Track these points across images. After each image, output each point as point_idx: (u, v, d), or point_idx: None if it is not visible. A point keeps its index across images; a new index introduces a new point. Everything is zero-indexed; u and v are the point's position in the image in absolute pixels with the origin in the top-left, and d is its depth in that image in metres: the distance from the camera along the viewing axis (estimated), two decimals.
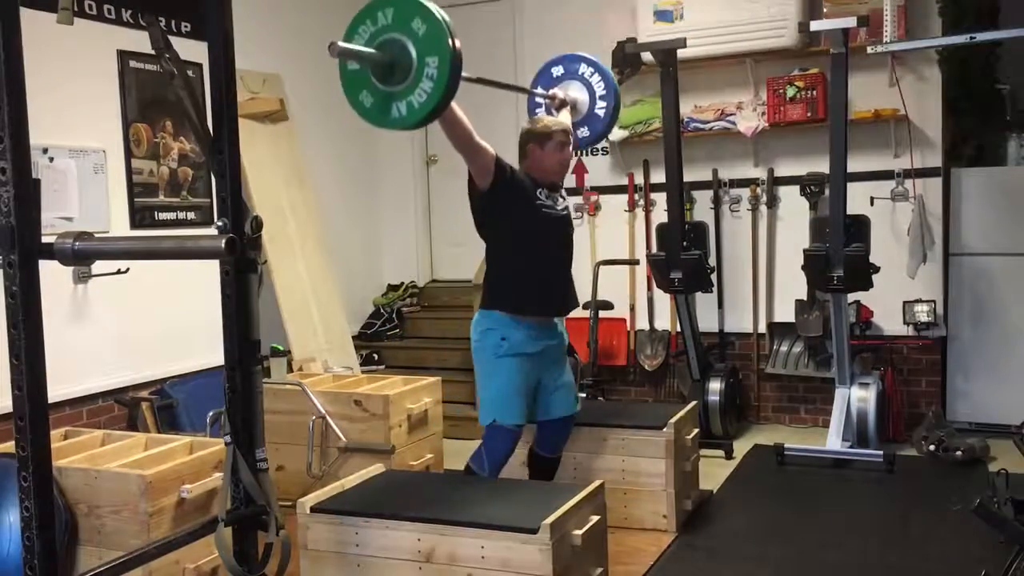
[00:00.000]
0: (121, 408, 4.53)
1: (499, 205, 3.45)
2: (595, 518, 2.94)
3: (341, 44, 2.74)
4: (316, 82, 6.07)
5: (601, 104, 4.03)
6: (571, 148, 3.67)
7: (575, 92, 4.05)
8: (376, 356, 6.26)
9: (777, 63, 5.52)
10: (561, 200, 3.66)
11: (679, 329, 5.50)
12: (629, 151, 6.02)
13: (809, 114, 5.38)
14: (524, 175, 3.55)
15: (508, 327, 3.44)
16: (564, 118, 3.91)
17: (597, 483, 3.09)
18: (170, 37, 2.38)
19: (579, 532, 2.79)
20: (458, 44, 2.82)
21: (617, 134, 5.93)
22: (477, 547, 2.74)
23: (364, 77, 2.86)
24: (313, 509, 2.96)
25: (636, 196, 6.04)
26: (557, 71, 4.10)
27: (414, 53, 2.79)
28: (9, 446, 2.53)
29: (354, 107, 2.92)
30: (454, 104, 3.07)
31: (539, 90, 4.09)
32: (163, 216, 4.88)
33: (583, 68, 4.06)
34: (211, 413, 3.91)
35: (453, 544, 2.77)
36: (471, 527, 2.76)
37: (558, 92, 4.01)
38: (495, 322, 3.46)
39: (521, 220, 3.48)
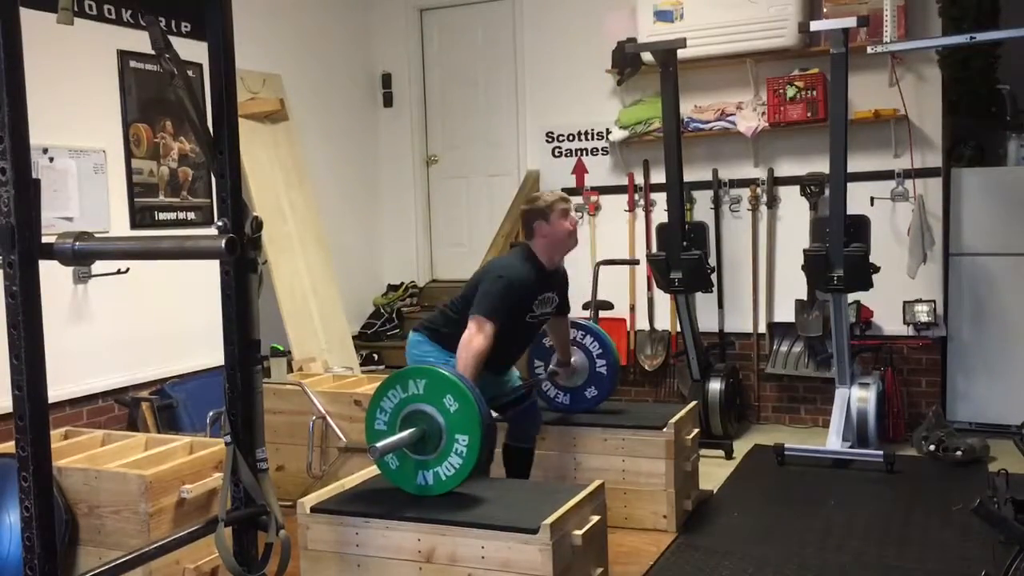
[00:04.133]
0: (121, 408, 4.53)
1: None
2: (595, 518, 2.94)
3: (379, 446, 2.84)
4: (316, 82, 6.09)
5: (601, 363, 4.09)
6: (575, 224, 3.71)
7: (574, 358, 4.08)
8: (376, 356, 6.25)
9: (777, 63, 5.53)
10: (552, 301, 3.69)
11: (679, 329, 5.50)
12: (629, 151, 6.02)
13: (809, 114, 5.38)
14: (528, 274, 3.55)
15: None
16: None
17: (597, 483, 3.09)
18: (170, 37, 2.38)
19: (579, 532, 2.79)
20: (488, 423, 2.91)
21: (617, 134, 5.94)
22: (477, 547, 2.74)
23: (410, 467, 2.98)
24: (313, 509, 2.96)
25: (636, 196, 6.04)
26: (549, 341, 4.07)
27: (444, 428, 2.89)
28: (9, 446, 2.54)
29: (380, 467, 3.04)
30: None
31: (539, 365, 4.12)
32: (163, 216, 4.88)
33: (575, 333, 4.09)
34: (211, 413, 3.88)
35: (453, 544, 2.77)
36: (471, 527, 2.76)
37: (558, 370, 4.05)
38: (446, 357, 3.51)
39: (504, 324, 3.47)
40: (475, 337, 3.34)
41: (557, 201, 3.64)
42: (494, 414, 3.51)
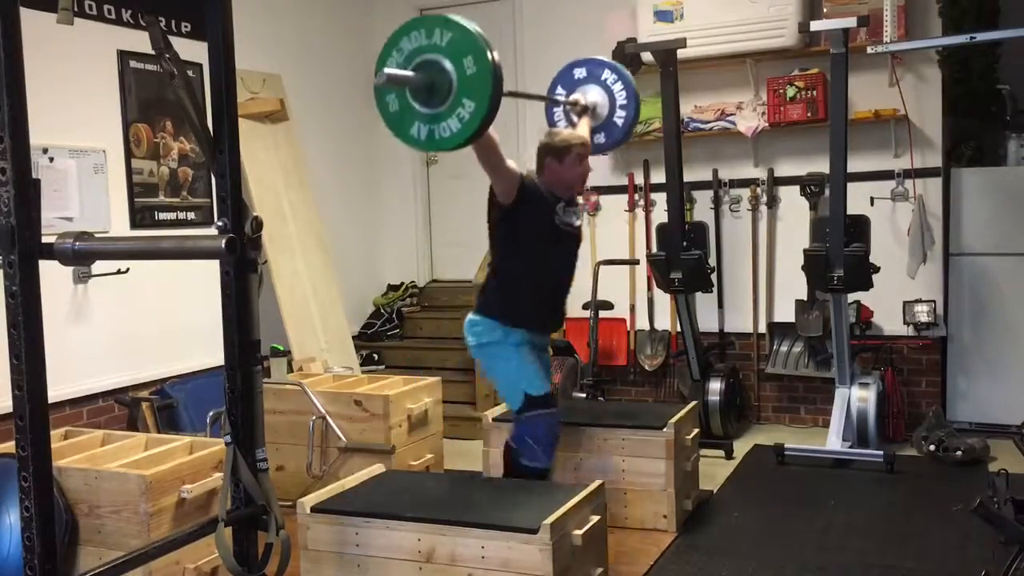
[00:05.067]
0: (121, 408, 4.53)
1: (518, 220, 3.47)
2: (595, 518, 2.95)
3: (388, 71, 2.71)
4: (316, 82, 6.09)
5: (621, 113, 4.01)
6: (587, 172, 3.66)
7: (595, 96, 4.01)
8: (376, 356, 6.26)
9: (777, 63, 5.52)
10: (576, 216, 3.66)
11: (679, 329, 5.50)
12: (629, 151, 6.02)
13: (809, 114, 5.38)
14: (544, 189, 3.55)
15: (506, 331, 3.50)
16: (583, 126, 3.94)
17: (597, 483, 3.09)
18: (170, 37, 2.38)
19: (579, 532, 2.79)
20: (498, 59, 2.75)
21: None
22: (477, 547, 2.74)
23: (409, 110, 2.82)
24: (314, 509, 2.96)
25: (636, 196, 6.04)
26: (580, 73, 4.05)
27: (455, 87, 2.73)
28: (9, 446, 2.54)
29: (378, 102, 2.87)
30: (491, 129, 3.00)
31: (560, 92, 4.05)
32: (163, 216, 4.88)
33: (606, 74, 4.02)
34: (211, 413, 3.91)
35: (453, 544, 2.77)
36: (472, 527, 2.76)
37: (579, 97, 3.98)
38: (493, 326, 3.51)
39: (536, 235, 3.49)
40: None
41: (576, 144, 3.56)
42: (549, 389, 3.52)
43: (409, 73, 2.76)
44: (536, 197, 3.47)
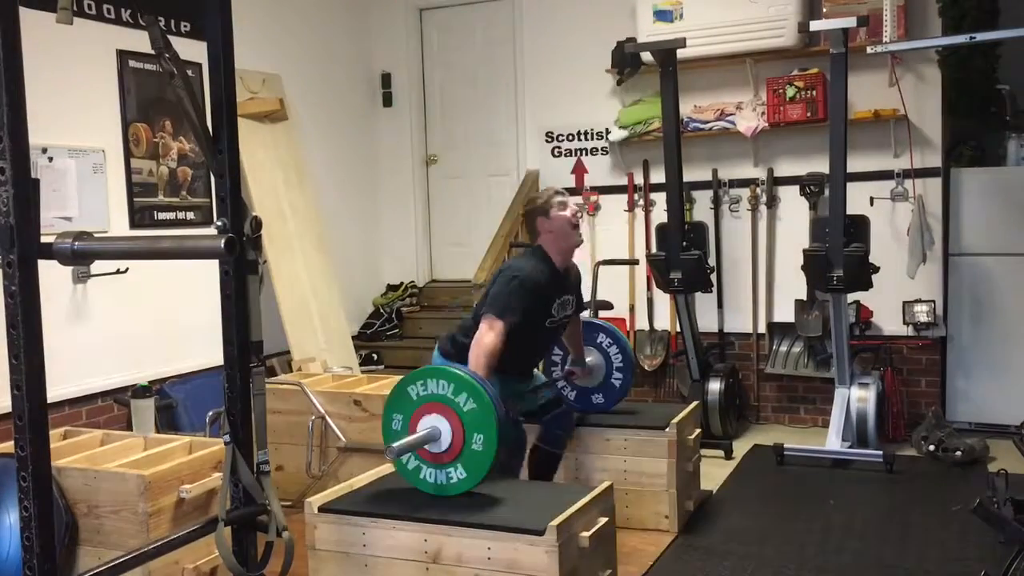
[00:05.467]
0: (121, 408, 4.53)
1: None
2: (603, 520, 2.94)
3: (396, 446, 2.86)
4: (316, 82, 6.09)
5: (617, 376, 4.06)
6: (575, 213, 3.67)
7: (591, 358, 4.06)
8: (376, 356, 6.25)
9: (777, 63, 5.52)
10: (570, 304, 3.67)
11: (679, 329, 5.50)
12: (629, 151, 6.02)
13: (809, 114, 5.38)
14: (542, 275, 3.51)
15: None
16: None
17: (606, 484, 3.07)
18: (170, 37, 2.37)
19: (587, 534, 2.78)
20: (503, 418, 2.92)
21: (617, 134, 5.93)
22: (484, 548, 2.73)
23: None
24: (321, 509, 2.96)
25: (636, 196, 6.04)
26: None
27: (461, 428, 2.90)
28: (8, 446, 2.53)
29: (397, 468, 3.06)
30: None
31: (557, 373, 4.10)
32: (162, 216, 4.88)
33: (601, 337, 4.06)
34: (211, 413, 3.91)
35: (460, 545, 2.77)
36: (478, 528, 2.76)
37: (575, 370, 4.02)
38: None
39: (525, 331, 3.45)
40: (486, 335, 3.30)
41: (553, 195, 3.65)
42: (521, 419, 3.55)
43: (413, 438, 2.92)
44: (533, 301, 3.44)
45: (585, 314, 5.55)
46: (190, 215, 5.03)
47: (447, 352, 3.62)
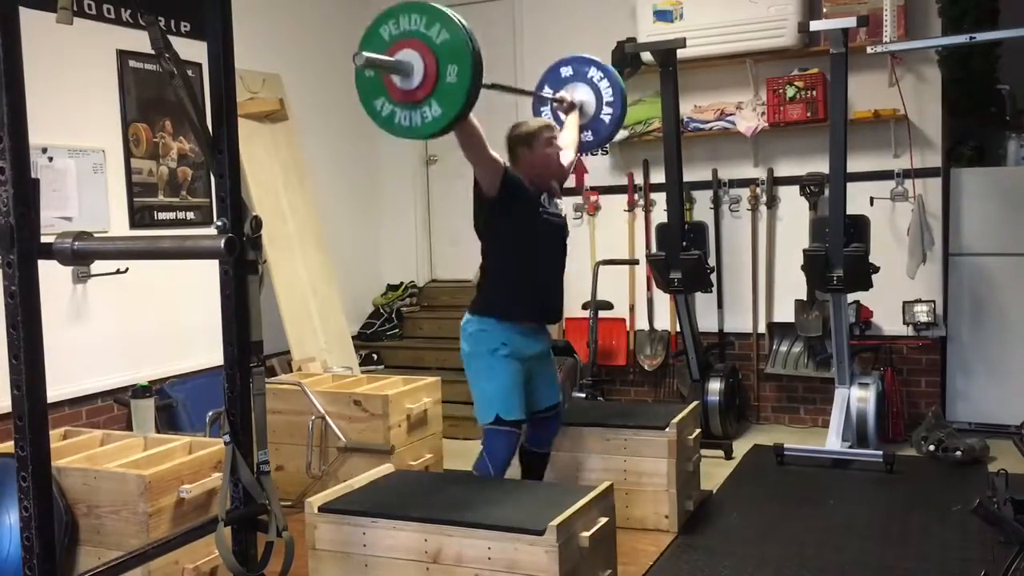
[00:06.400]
0: (121, 408, 4.53)
1: (504, 212, 3.47)
2: (603, 520, 2.94)
3: (366, 54, 2.72)
4: (316, 82, 6.08)
5: (607, 110, 4.03)
6: (560, 145, 3.67)
7: (582, 95, 4.03)
8: (376, 356, 6.25)
9: (777, 63, 5.52)
10: (560, 207, 3.70)
11: (679, 329, 5.50)
12: (629, 151, 6.02)
13: (809, 114, 5.38)
14: (526, 181, 3.55)
15: (504, 332, 3.48)
16: (571, 123, 3.96)
17: (606, 484, 3.07)
18: (170, 37, 2.38)
19: (586, 534, 2.79)
20: (479, 51, 2.77)
21: (617, 134, 5.92)
22: (484, 548, 2.74)
23: (380, 84, 2.84)
24: (321, 509, 2.96)
25: (636, 196, 6.04)
26: (566, 71, 4.08)
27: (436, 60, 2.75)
28: (8, 446, 2.53)
29: (371, 115, 2.90)
30: (471, 115, 3.02)
31: (547, 91, 4.07)
32: (162, 216, 4.88)
33: (592, 72, 4.04)
34: (211, 413, 3.91)
35: (460, 545, 2.77)
36: (478, 528, 2.76)
37: (566, 95, 4.00)
38: (490, 326, 3.50)
39: (524, 227, 3.50)
40: None
41: (542, 128, 3.60)
42: (523, 418, 3.54)
43: (386, 58, 2.78)
44: (520, 188, 3.48)
45: (585, 313, 5.60)
46: (190, 215, 5.03)
47: (475, 305, 3.59)
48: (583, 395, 5.39)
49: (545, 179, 3.62)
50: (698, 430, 4.22)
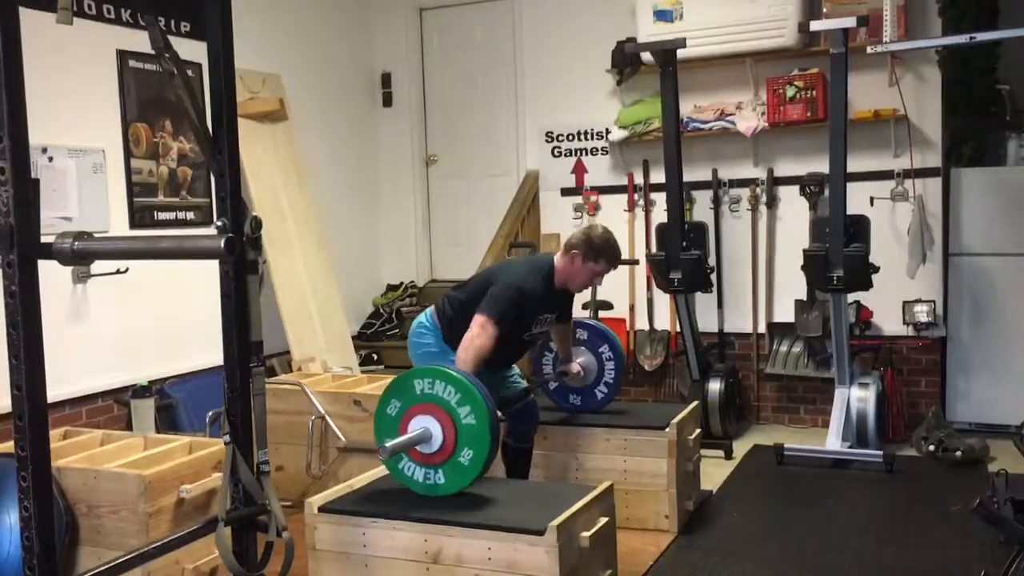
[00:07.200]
0: (121, 408, 4.53)
1: None
2: (604, 520, 2.94)
3: (389, 446, 2.86)
4: (316, 82, 6.09)
5: (603, 389, 4.11)
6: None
7: (583, 359, 4.09)
8: (375, 356, 6.25)
9: (777, 63, 5.52)
10: (547, 321, 3.73)
11: (679, 329, 5.50)
12: (629, 151, 6.02)
13: (809, 114, 5.38)
14: (540, 290, 3.58)
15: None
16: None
17: (606, 484, 3.07)
18: (170, 37, 2.37)
19: (587, 534, 2.78)
20: (498, 440, 2.95)
21: (617, 134, 5.93)
22: (484, 548, 2.74)
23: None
24: (321, 509, 2.96)
25: (636, 196, 6.04)
26: (581, 334, 4.11)
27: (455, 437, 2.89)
28: (8, 446, 2.53)
29: (387, 466, 3.05)
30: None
31: (550, 373, 4.15)
32: (162, 216, 4.88)
33: (604, 348, 4.09)
34: (211, 413, 3.90)
35: (460, 545, 2.77)
36: (478, 528, 2.76)
37: (575, 367, 4.05)
38: (440, 344, 3.63)
39: (505, 334, 3.50)
40: (479, 336, 3.36)
41: (609, 259, 3.65)
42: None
43: (407, 437, 2.91)
44: (522, 311, 3.51)
45: (585, 314, 5.59)
46: (190, 215, 5.03)
47: (441, 312, 3.68)
48: None
49: (568, 284, 3.72)
50: (698, 430, 4.22)
